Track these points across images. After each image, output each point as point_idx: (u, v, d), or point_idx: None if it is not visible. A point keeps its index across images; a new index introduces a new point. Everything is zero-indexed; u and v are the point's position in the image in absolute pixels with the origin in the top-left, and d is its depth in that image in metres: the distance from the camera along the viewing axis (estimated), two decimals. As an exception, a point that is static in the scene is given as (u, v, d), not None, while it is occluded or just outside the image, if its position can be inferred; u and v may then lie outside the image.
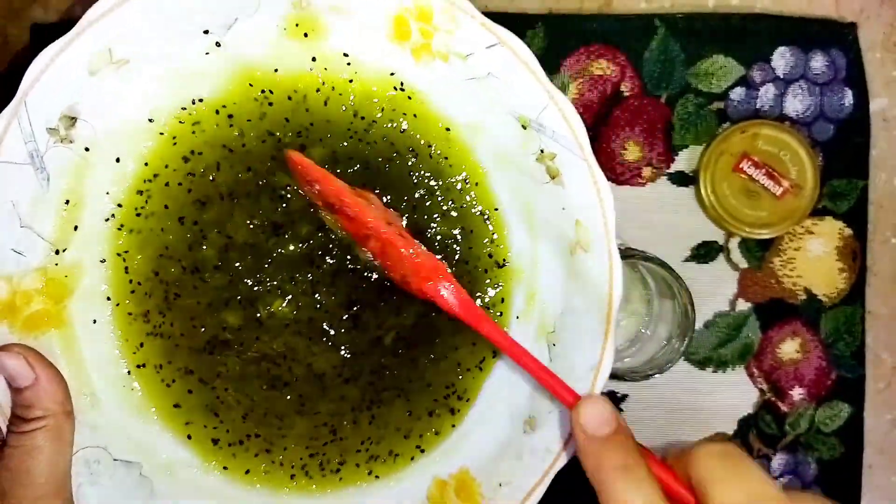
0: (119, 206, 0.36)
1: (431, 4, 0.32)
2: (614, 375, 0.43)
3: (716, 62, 0.48)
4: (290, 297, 0.37)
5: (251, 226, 0.36)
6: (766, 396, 0.49)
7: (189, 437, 0.37)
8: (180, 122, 0.35)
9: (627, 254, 0.43)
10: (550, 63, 0.48)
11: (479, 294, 0.37)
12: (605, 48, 0.48)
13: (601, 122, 0.49)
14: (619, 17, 0.48)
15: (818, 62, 0.49)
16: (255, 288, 0.37)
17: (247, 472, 0.37)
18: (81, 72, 0.33)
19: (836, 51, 0.49)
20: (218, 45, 0.34)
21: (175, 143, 0.35)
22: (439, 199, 0.37)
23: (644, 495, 0.29)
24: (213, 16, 0.33)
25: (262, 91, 0.35)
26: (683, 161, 0.49)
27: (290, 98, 0.35)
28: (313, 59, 0.35)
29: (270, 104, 0.35)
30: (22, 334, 0.34)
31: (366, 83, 0.35)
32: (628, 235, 0.49)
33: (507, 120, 0.34)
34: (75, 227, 0.35)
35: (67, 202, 0.34)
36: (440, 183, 0.36)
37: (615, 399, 0.49)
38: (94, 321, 0.36)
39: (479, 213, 0.37)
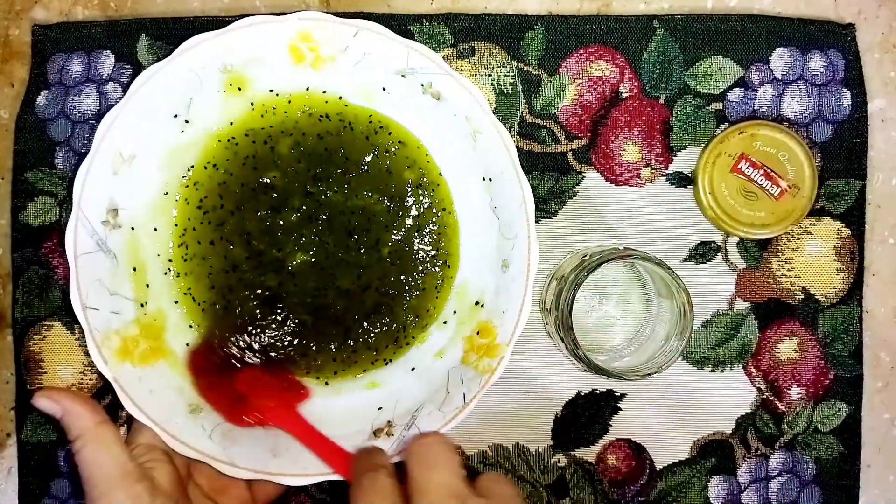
0: (170, 261, 0.47)
1: (308, 27, 0.44)
2: (613, 375, 0.43)
3: (714, 63, 0.49)
4: (306, 249, 0.47)
5: (259, 216, 0.47)
6: (764, 396, 0.49)
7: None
8: (185, 186, 0.47)
9: (626, 254, 0.43)
10: (550, 64, 0.48)
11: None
12: (603, 49, 0.49)
13: (600, 122, 0.49)
14: (618, 19, 0.49)
15: (816, 63, 0.49)
16: (279, 255, 0.47)
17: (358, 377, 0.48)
18: (108, 174, 0.44)
19: (835, 52, 0.49)
20: (186, 122, 0.46)
21: (188, 203, 0.47)
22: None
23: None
24: (177, 101, 0.45)
25: (229, 139, 0.47)
26: (682, 162, 0.49)
27: (246, 135, 0.47)
28: (251, 105, 0.47)
29: (237, 144, 0.47)
30: (139, 367, 0.45)
31: (298, 101, 0.47)
32: (627, 235, 0.49)
33: (392, 77, 0.46)
34: (147, 285, 0.46)
35: (134, 269, 0.46)
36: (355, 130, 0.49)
37: (614, 398, 0.49)
38: (187, 344, 0.47)
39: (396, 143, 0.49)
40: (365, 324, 0.48)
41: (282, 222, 0.47)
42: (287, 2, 0.49)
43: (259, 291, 0.47)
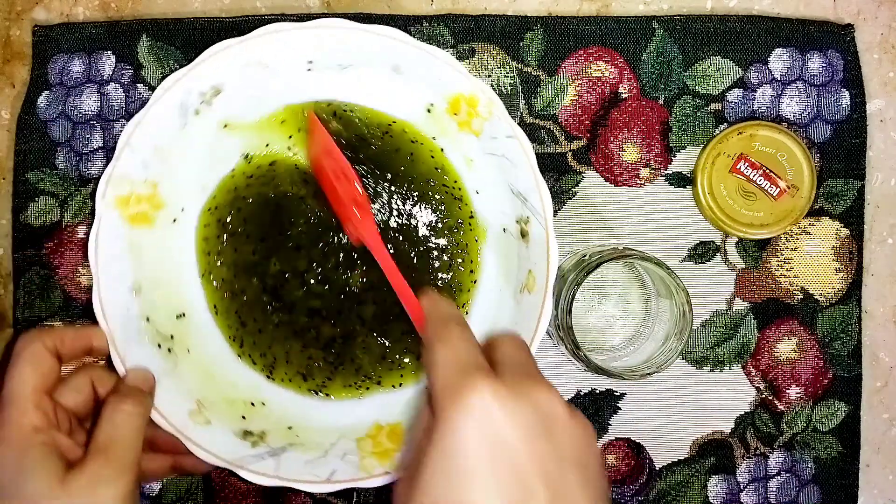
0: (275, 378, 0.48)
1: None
2: (612, 374, 0.43)
3: (713, 64, 0.49)
4: (351, 266, 0.48)
5: (309, 293, 0.48)
6: (763, 395, 0.50)
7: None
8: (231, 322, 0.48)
9: (625, 254, 0.44)
10: (549, 65, 0.49)
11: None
12: (603, 50, 0.49)
13: (599, 123, 0.49)
14: (618, 20, 0.49)
15: (815, 64, 0.49)
16: (348, 290, 0.48)
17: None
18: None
19: (834, 52, 0.49)
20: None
21: (248, 354, 0.48)
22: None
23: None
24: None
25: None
26: (681, 162, 0.49)
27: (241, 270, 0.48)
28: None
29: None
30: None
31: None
32: (626, 236, 0.49)
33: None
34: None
35: (252, 404, 0.47)
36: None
37: (613, 397, 0.49)
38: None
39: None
40: (431, 219, 0.48)
41: (320, 274, 0.47)
42: (288, 4, 0.49)
43: (373, 325, 0.48)
